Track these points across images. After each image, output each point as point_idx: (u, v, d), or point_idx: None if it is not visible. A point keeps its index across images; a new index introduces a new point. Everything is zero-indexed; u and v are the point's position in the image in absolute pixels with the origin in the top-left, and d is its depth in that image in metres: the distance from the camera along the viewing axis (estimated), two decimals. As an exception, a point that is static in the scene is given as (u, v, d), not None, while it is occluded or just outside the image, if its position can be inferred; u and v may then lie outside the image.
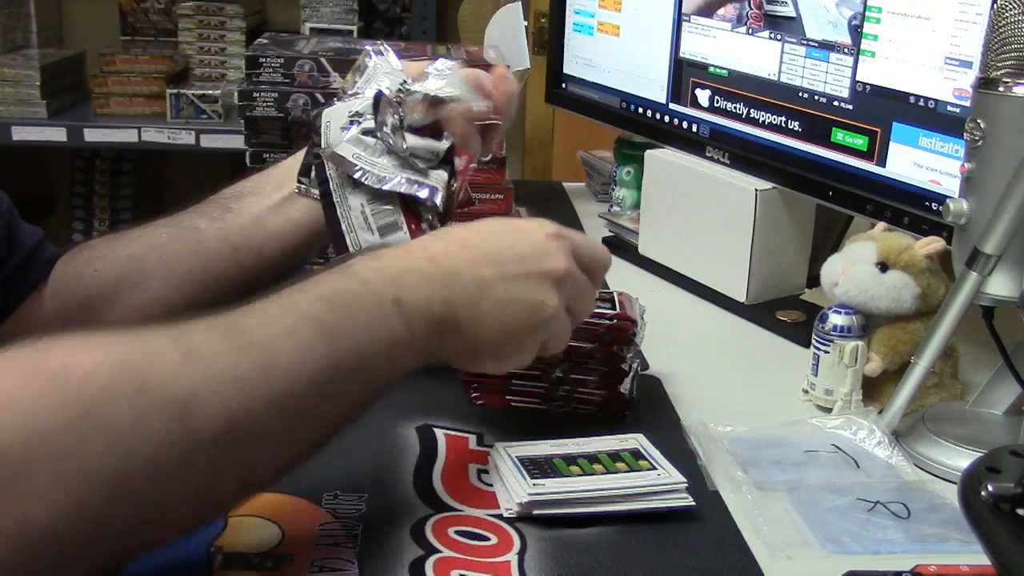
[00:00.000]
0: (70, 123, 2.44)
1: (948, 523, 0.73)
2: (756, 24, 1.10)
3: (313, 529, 0.69)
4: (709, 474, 0.78)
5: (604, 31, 1.34)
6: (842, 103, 1.02)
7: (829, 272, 0.93)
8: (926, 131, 0.94)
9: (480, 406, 0.87)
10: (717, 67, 1.16)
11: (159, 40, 2.72)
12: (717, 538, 0.71)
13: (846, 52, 1.00)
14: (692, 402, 0.90)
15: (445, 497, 0.74)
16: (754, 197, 1.09)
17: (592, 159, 1.58)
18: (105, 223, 2.72)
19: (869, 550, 0.70)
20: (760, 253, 1.10)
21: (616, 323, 0.84)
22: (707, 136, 1.19)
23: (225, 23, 2.61)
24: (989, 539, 0.52)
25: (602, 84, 1.36)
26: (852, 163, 1.01)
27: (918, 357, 0.83)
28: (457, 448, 0.81)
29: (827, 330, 0.89)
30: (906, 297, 0.89)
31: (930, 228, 0.93)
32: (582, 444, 0.77)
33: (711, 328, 1.11)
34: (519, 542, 0.69)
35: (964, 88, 0.88)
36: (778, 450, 0.82)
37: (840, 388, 0.89)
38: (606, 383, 0.85)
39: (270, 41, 1.23)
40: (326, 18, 2.59)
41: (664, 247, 1.23)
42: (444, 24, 2.65)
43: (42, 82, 2.43)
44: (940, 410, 0.87)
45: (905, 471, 0.80)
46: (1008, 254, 0.78)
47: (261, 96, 1.15)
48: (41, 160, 2.74)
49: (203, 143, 2.42)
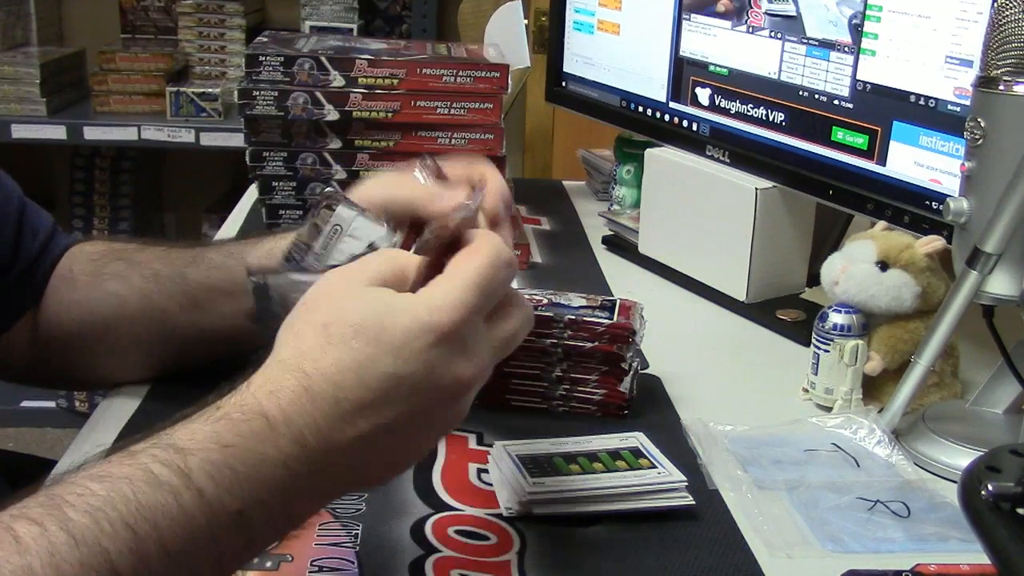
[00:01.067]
0: (70, 121, 2.44)
1: (948, 522, 0.73)
2: (756, 23, 1.10)
3: (313, 529, 0.69)
4: (709, 473, 0.78)
5: (604, 29, 1.34)
6: (842, 102, 1.01)
7: (829, 271, 0.93)
8: (927, 130, 0.94)
9: (480, 405, 0.87)
10: (717, 66, 1.16)
11: (159, 38, 2.72)
12: (717, 537, 0.71)
13: (846, 51, 1.00)
14: (692, 401, 0.90)
15: (445, 496, 0.74)
16: (754, 196, 1.09)
17: (592, 158, 1.58)
18: (105, 221, 2.72)
19: (869, 549, 0.70)
20: (760, 252, 1.10)
21: (611, 335, 0.84)
22: (707, 135, 1.19)
23: (225, 21, 2.60)
24: (989, 538, 0.52)
25: (602, 82, 1.36)
26: (852, 162, 1.01)
27: (918, 356, 0.83)
28: (457, 447, 0.81)
29: (827, 329, 0.89)
30: (906, 296, 0.89)
31: (930, 227, 0.92)
32: (582, 443, 0.77)
33: (711, 327, 1.11)
34: (519, 542, 0.69)
35: (965, 87, 0.88)
36: (778, 449, 0.82)
37: (840, 387, 0.89)
38: (606, 382, 0.85)
39: (270, 39, 1.22)
40: (326, 16, 2.59)
41: (664, 246, 1.23)
42: (444, 22, 2.65)
43: (42, 80, 2.43)
44: (940, 409, 0.87)
45: (905, 470, 0.80)
46: (1008, 253, 0.78)
47: (261, 94, 1.15)
48: (41, 158, 2.74)
49: (203, 141, 2.42)
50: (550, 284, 1.11)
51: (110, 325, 0.85)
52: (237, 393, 0.54)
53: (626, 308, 0.87)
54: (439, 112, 1.16)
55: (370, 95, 1.15)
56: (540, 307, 0.86)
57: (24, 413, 2.71)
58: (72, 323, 0.86)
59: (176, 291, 0.84)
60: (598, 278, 1.21)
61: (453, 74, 1.15)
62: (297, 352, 0.55)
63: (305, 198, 1.19)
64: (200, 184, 2.83)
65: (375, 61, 1.15)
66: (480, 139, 1.17)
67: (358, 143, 1.17)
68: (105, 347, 0.86)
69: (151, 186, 2.86)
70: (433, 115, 1.16)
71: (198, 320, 0.84)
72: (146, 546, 0.48)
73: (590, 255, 1.30)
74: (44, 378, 0.93)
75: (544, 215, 1.45)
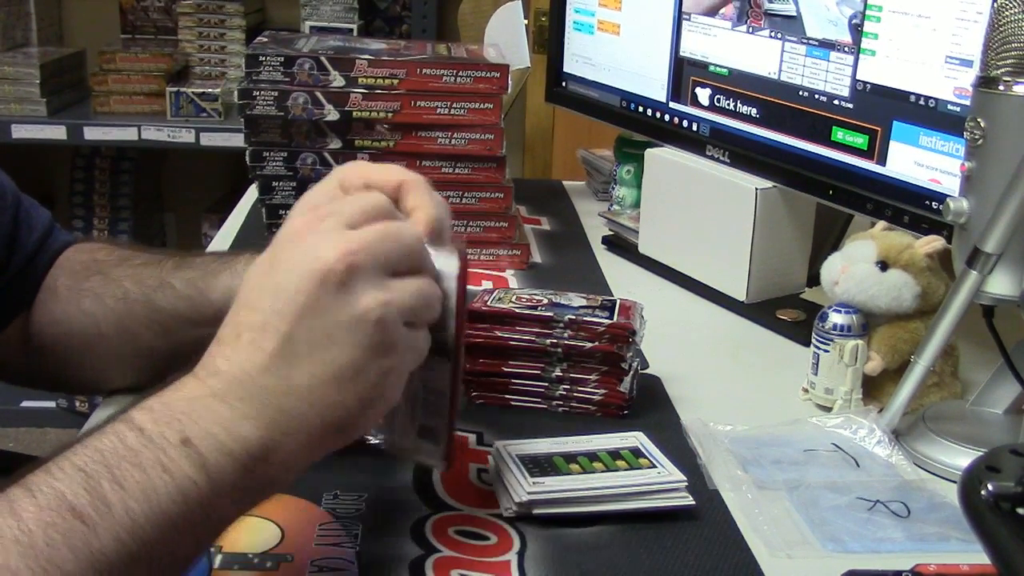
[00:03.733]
0: (70, 121, 2.44)
1: (948, 522, 0.73)
2: (756, 23, 1.10)
3: (313, 529, 0.69)
4: (709, 473, 0.78)
5: (604, 30, 1.34)
6: (842, 102, 1.01)
7: (829, 271, 0.93)
8: (926, 130, 0.94)
9: (480, 405, 0.87)
10: (717, 66, 1.16)
11: (159, 38, 2.72)
12: (717, 537, 0.71)
13: (846, 51, 1.00)
14: (692, 401, 0.90)
15: (445, 496, 0.74)
16: (754, 196, 1.09)
17: (592, 158, 1.58)
18: (105, 221, 2.72)
19: (869, 549, 0.70)
20: (760, 252, 1.10)
21: (611, 335, 0.84)
22: (707, 135, 1.19)
23: (225, 21, 2.60)
24: (989, 538, 0.52)
25: (602, 83, 1.36)
26: (852, 162, 1.01)
27: (918, 356, 0.83)
28: (456, 448, 0.81)
29: (827, 329, 0.89)
30: (906, 296, 0.89)
31: (930, 227, 0.92)
32: (582, 442, 0.77)
33: (711, 327, 1.11)
34: (519, 542, 0.69)
35: (964, 87, 0.88)
36: (778, 449, 0.82)
37: (840, 387, 0.89)
38: (606, 382, 0.85)
39: (270, 39, 1.23)
40: (326, 16, 2.59)
41: (664, 246, 1.23)
42: (444, 22, 2.65)
43: (42, 80, 2.43)
44: (940, 409, 0.87)
45: (905, 470, 0.80)
46: (1008, 253, 0.78)
47: (261, 94, 1.15)
48: (41, 158, 2.74)
49: (203, 141, 2.42)
50: (550, 284, 1.11)
51: (88, 342, 0.85)
52: None
53: (626, 308, 0.87)
54: (439, 112, 1.16)
55: (370, 95, 1.15)
56: (540, 307, 0.86)
57: (24, 413, 2.71)
58: (56, 335, 0.86)
59: (144, 316, 0.83)
60: (598, 278, 1.21)
61: (453, 74, 1.15)
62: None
63: (305, 198, 1.19)
64: (200, 184, 2.83)
65: (375, 61, 1.15)
66: (480, 139, 1.17)
67: (358, 143, 1.17)
68: (88, 359, 0.86)
69: (151, 186, 2.86)
70: (433, 115, 1.16)
71: (171, 344, 0.83)
72: (98, 484, 0.51)
73: (590, 255, 1.30)
74: (38, 380, 0.93)
75: (544, 215, 1.45)
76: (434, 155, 1.18)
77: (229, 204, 1.48)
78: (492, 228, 1.20)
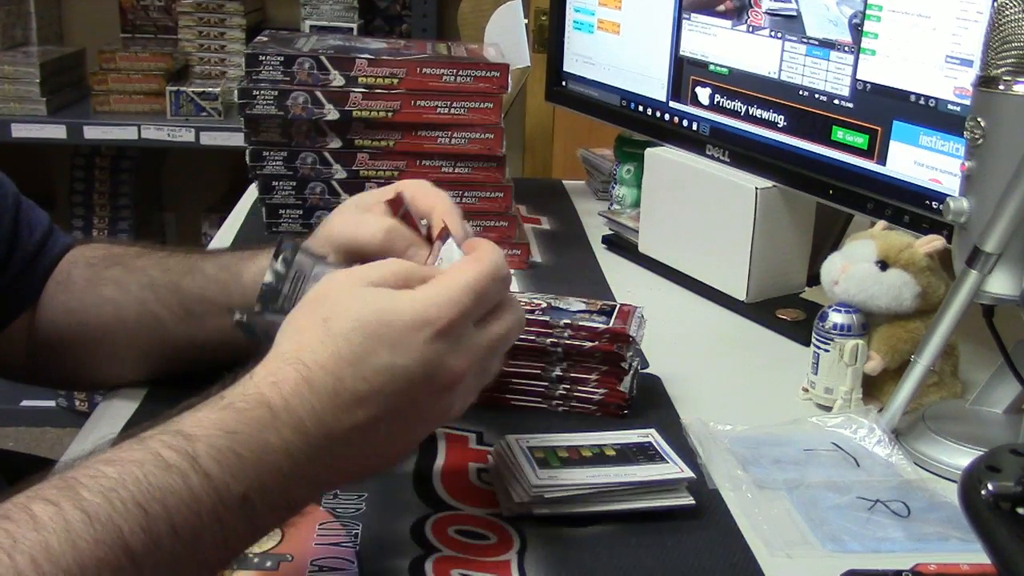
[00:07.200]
0: (70, 120, 2.44)
1: (948, 522, 0.73)
2: (756, 22, 1.10)
3: (313, 529, 0.69)
4: (709, 473, 0.78)
5: (604, 29, 1.34)
6: (843, 101, 1.01)
7: (829, 270, 0.93)
8: (927, 129, 0.93)
9: (480, 405, 0.87)
10: (717, 65, 1.16)
11: (159, 37, 2.72)
12: (717, 537, 0.71)
13: (847, 50, 1.00)
14: (692, 400, 0.90)
15: (445, 496, 0.74)
16: (754, 195, 1.09)
17: (592, 157, 1.58)
18: (105, 220, 2.72)
19: (869, 549, 0.70)
20: (760, 251, 1.10)
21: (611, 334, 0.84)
22: (707, 134, 1.19)
23: (225, 20, 2.60)
24: (989, 538, 0.52)
25: (602, 82, 1.36)
26: (853, 161, 1.01)
27: (918, 355, 0.83)
28: (457, 447, 0.81)
29: (827, 328, 0.89)
30: (906, 296, 0.89)
31: (930, 227, 0.92)
32: (591, 437, 0.77)
33: (711, 326, 1.11)
34: (519, 541, 0.69)
35: (965, 86, 0.88)
36: (778, 449, 0.82)
37: (840, 387, 0.89)
38: (606, 382, 0.85)
39: (270, 39, 1.23)
40: (326, 16, 2.59)
41: (664, 245, 1.23)
42: (444, 22, 2.65)
43: (42, 79, 2.43)
44: (940, 409, 0.87)
45: (905, 470, 0.80)
46: (1008, 253, 0.78)
47: (261, 94, 1.15)
48: (41, 157, 2.74)
49: (203, 141, 2.42)
50: (550, 283, 1.11)
51: (106, 330, 0.85)
52: (240, 384, 0.57)
53: (625, 312, 0.87)
54: (439, 112, 1.16)
55: (370, 94, 1.15)
56: (539, 311, 0.86)
57: (24, 413, 2.71)
58: (69, 327, 0.86)
59: (171, 300, 0.84)
60: (598, 277, 1.21)
61: (453, 74, 1.15)
62: (297, 345, 0.58)
63: (305, 197, 1.19)
64: (200, 184, 2.83)
65: (375, 61, 1.15)
66: (480, 139, 1.17)
67: (358, 143, 1.17)
68: (102, 351, 0.86)
69: (151, 186, 2.85)
70: (433, 115, 1.16)
71: (193, 330, 0.84)
72: (156, 525, 0.50)
73: (590, 255, 1.30)
74: (42, 377, 0.93)
75: (544, 215, 1.45)
76: (434, 154, 1.18)
77: (229, 203, 1.48)
78: (492, 228, 1.20)
